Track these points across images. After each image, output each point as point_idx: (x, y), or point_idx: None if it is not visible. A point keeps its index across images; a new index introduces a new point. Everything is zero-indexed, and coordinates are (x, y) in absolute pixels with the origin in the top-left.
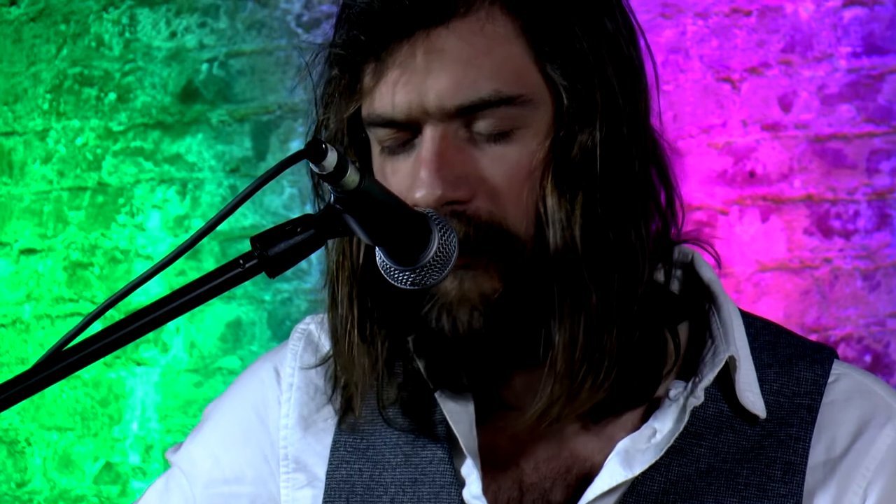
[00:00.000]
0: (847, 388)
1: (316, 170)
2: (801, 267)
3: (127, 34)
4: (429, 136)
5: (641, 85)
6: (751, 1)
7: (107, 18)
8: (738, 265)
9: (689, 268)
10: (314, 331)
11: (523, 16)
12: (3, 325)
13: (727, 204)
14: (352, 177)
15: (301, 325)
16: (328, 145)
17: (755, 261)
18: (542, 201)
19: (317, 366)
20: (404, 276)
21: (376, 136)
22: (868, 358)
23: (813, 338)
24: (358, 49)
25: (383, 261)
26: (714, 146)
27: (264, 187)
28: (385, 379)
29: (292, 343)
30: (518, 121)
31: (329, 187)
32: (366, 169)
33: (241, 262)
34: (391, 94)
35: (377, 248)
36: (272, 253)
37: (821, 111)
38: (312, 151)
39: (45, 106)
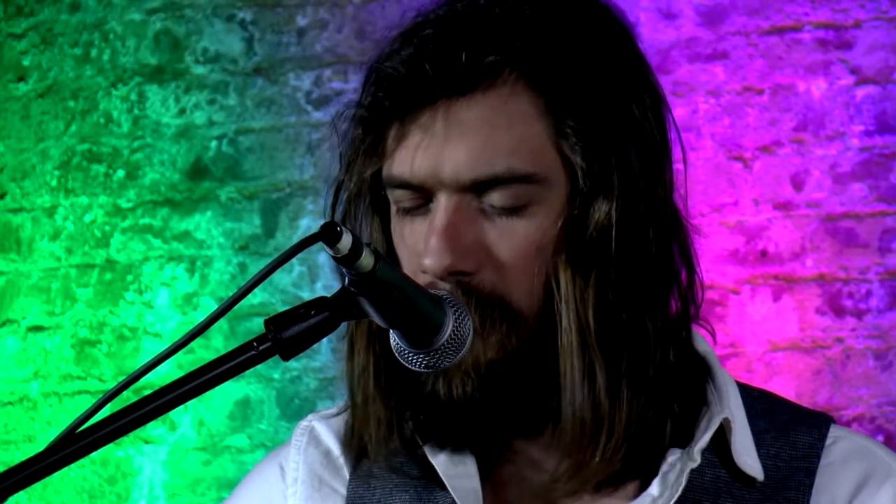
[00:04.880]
0: (845, 449)
1: (330, 252)
2: (813, 346)
3: (136, 111)
4: (442, 204)
5: (664, 167)
6: (763, 79)
7: (115, 95)
8: (749, 344)
9: (686, 342)
10: (316, 426)
11: (547, 94)
12: (10, 403)
13: (739, 283)
14: (366, 260)
15: (304, 422)
16: (343, 228)
17: (767, 340)
18: (554, 278)
19: (337, 414)
20: (418, 358)
21: (394, 196)
22: (881, 438)
23: None
24: (382, 112)
25: (397, 343)
26: (726, 225)
27: None
28: (396, 435)
29: (295, 439)
30: (532, 197)
31: (344, 270)
32: (381, 252)
33: (254, 344)
34: (411, 158)
35: (391, 331)
36: (286, 336)
37: (833, 190)
38: (327, 234)
39: (54, 182)
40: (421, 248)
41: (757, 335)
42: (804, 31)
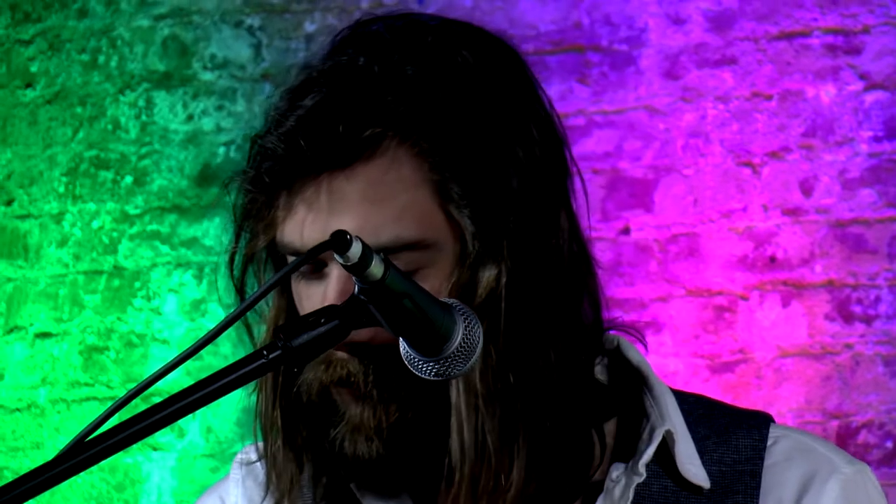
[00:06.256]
0: (787, 448)
1: (340, 261)
2: (823, 353)
3: (143, 117)
4: (334, 275)
5: (561, 206)
6: (771, 85)
7: (123, 101)
8: (758, 351)
9: (616, 353)
10: (253, 458)
11: (431, 158)
12: (18, 410)
13: (748, 289)
14: (376, 268)
15: (240, 455)
16: (352, 236)
17: (776, 346)
18: None
19: (255, 462)
20: (428, 366)
21: (289, 260)
22: (889, 444)
23: (834, 424)
24: (266, 185)
25: (407, 351)
26: (734, 231)
27: None
28: (315, 490)
29: (233, 472)
30: (421, 262)
31: (354, 278)
32: (391, 261)
33: (264, 352)
34: (300, 229)
35: (401, 339)
36: (296, 344)
37: (842, 196)
38: (337, 242)
39: (61, 189)
40: None
41: (766, 341)
42: (813, 37)
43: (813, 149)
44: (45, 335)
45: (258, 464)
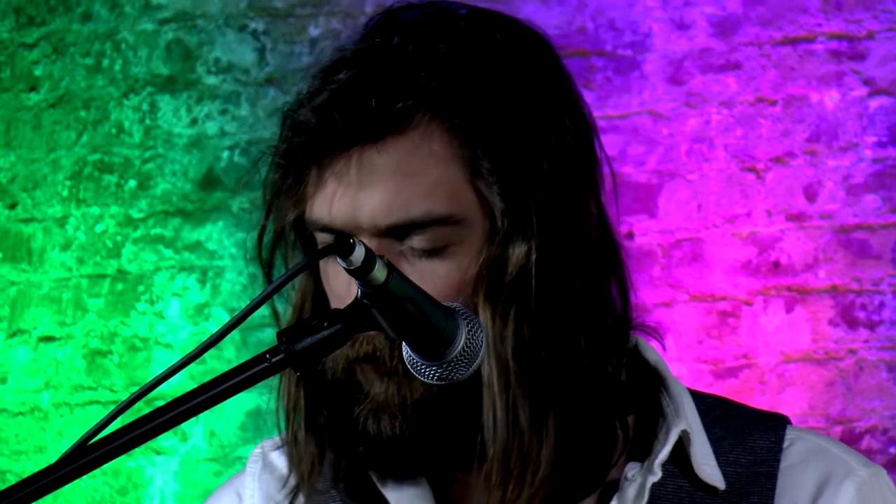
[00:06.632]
0: (802, 450)
1: (343, 265)
2: (826, 358)
3: (147, 121)
4: None
5: (589, 194)
6: (776, 90)
7: (127, 105)
8: (762, 356)
9: (634, 353)
10: (269, 453)
11: (463, 134)
12: (21, 413)
13: (751, 294)
14: (379, 272)
15: (256, 450)
16: (356, 240)
17: (779, 352)
18: None
19: (276, 449)
20: (431, 371)
21: (318, 238)
22: (893, 450)
23: (838, 429)
24: (298, 159)
25: (410, 355)
26: (738, 236)
27: None
28: (335, 473)
29: (250, 466)
30: (451, 238)
31: (357, 282)
32: (393, 265)
33: (267, 356)
34: (329, 203)
35: (403, 343)
36: (299, 347)
37: (846, 201)
38: (340, 246)
39: (65, 192)
40: (343, 290)
41: (769, 346)
42: (817, 42)
43: (817, 154)
44: (48, 339)
45: (274, 457)
